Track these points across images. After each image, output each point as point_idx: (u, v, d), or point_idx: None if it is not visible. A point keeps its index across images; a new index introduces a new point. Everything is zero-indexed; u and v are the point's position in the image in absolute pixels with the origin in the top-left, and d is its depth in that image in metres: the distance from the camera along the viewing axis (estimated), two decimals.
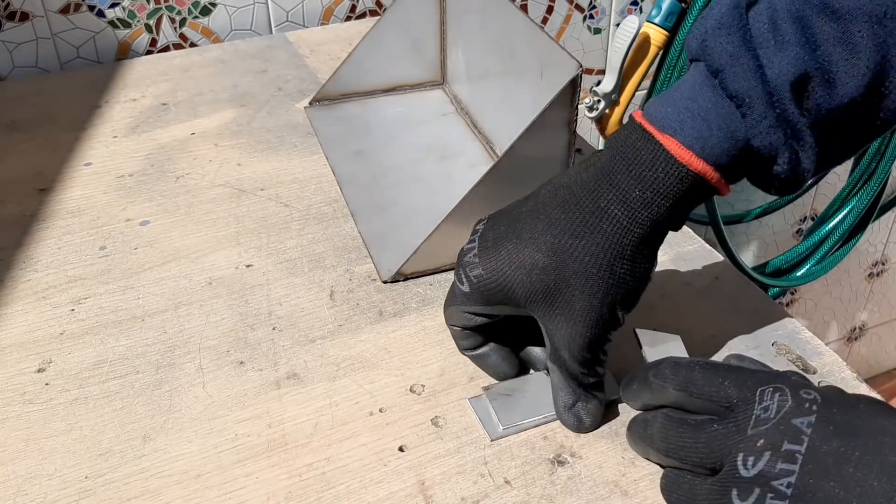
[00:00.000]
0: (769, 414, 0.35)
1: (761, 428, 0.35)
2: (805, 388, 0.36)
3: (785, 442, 0.34)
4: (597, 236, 0.41)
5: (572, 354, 0.43)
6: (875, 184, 1.24)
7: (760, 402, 0.36)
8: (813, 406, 0.34)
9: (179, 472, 0.43)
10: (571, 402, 0.44)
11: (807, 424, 0.34)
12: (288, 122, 0.74)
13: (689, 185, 0.40)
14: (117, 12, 0.87)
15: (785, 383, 0.36)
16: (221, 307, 0.54)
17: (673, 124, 0.40)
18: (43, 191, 0.65)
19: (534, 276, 0.42)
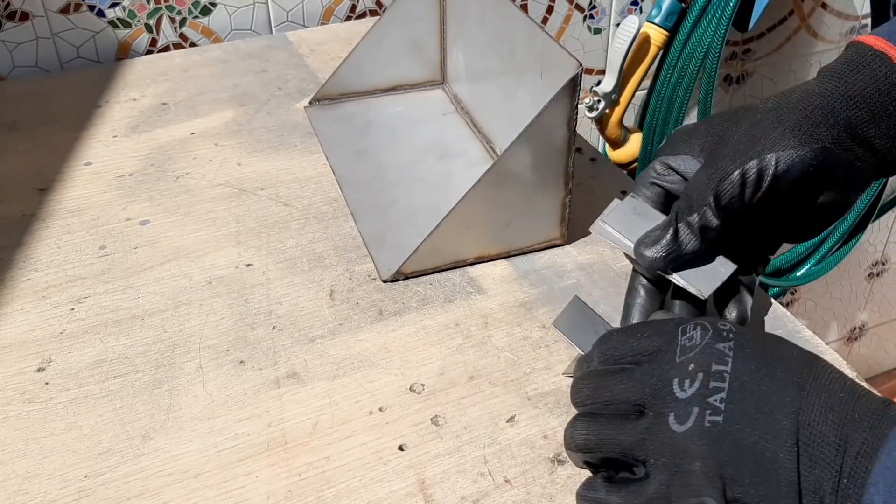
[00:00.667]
0: (694, 342, 0.38)
1: (689, 354, 0.38)
2: (720, 321, 0.39)
3: (713, 363, 0.37)
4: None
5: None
6: (875, 184, 1.24)
7: (683, 334, 0.39)
8: (729, 334, 0.38)
9: (179, 472, 0.43)
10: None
11: (728, 348, 0.38)
12: (288, 121, 0.74)
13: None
14: (117, 12, 0.87)
15: (704, 320, 0.39)
16: (221, 306, 0.54)
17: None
18: (43, 190, 0.65)
19: None
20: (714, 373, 0.37)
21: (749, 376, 0.37)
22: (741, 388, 0.37)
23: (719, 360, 0.37)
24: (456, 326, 0.52)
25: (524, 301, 0.54)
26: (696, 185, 0.45)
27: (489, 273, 0.57)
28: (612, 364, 0.40)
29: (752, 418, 0.36)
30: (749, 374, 0.37)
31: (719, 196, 0.44)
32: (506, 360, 0.50)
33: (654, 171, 0.49)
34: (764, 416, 0.36)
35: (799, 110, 0.44)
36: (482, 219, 0.55)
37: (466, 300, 0.55)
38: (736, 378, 0.37)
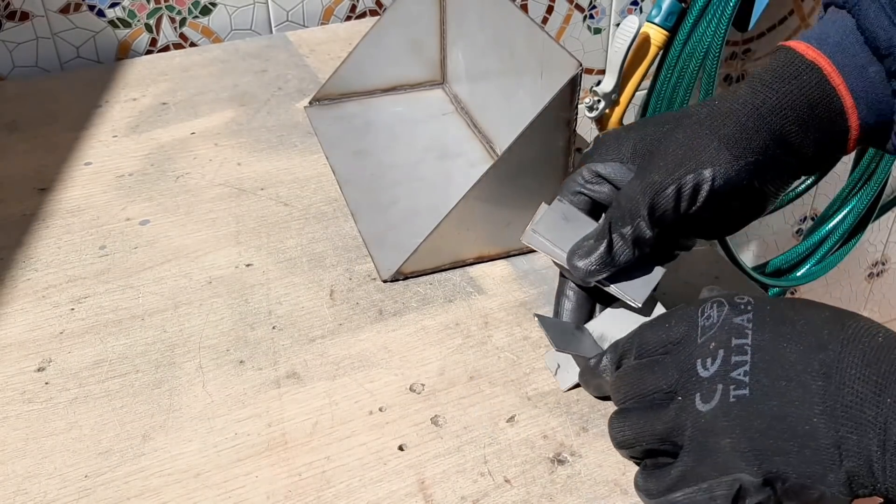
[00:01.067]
0: (712, 321, 0.39)
1: (709, 333, 0.39)
2: (738, 295, 0.40)
3: (732, 338, 0.38)
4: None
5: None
6: (875, 184, 1.24)
7: (702, 315, 0.40)
8: (748, 307, 0.39)
9: (179, 471, 0.43)
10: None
11: (746, 321, 0.38)
12: (288, 121, 0.74)
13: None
14: (117, 12, 0.87)
15: (720, 296, 0.40)
16: (221, 306, 0.54)
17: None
18: (43, 190, 0.65)
19: None
20: (734, 347, 0.37)
21: (772, 345, 0.37)
22: (764, 359, 0.37)
23: (739, 334, 0.38)
24: (456, 326, 0.52)
25: (524, 301, 0.54)
26: (630, 197, 0.45)
27: (489, 273, 0.57)
28: (645, 357, 0.41)
29: (780, 387, 0.36)
30: (771, 343, 0.37)
31: (654, 209, 0.44)
32: (506, 360, 0.50)
33: (581, 178, 0.48)
34: (792, 383, 0.36)
35: (733, 122, 0.44)
36: (482, 219, 0.55)
37: (466, 300, 0.55)
38: (758, 349, 0.37)
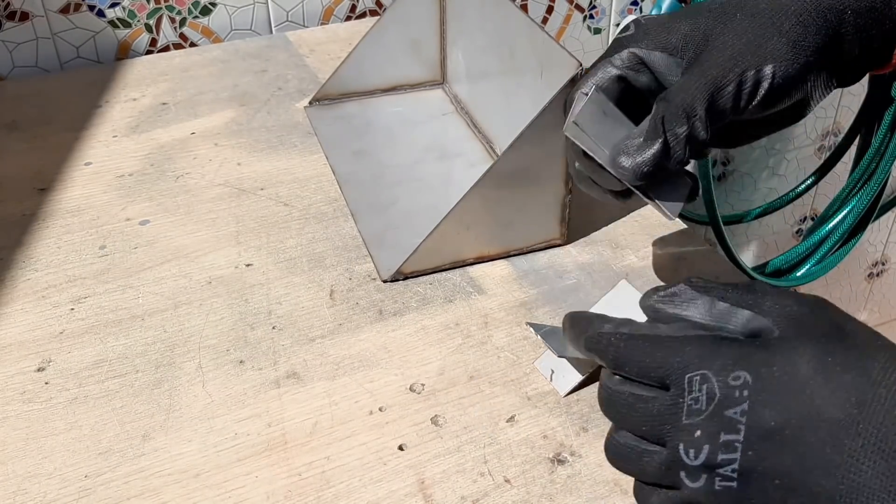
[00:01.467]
0: (700, 406, 0.34)
1: (696, 419, 0.34)
2: (733, 369, 0.33)
3: (721, 433, 0.33)
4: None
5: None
6: (875, 184, 1.24)
7: (689, 391, 0.34)
8: (744, 392, 0.33)
9: (179, 471, 0.43)
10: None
11: (740, 413, 0.33)
12: (288, 121, 0.74)
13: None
14: (117, 12, 0.87)
15: (710, 367, 0.34)
16: (221, 306, 0.54)
17: None
18: (43, 190, 0.65)
19: None
20: (723, 443, 0.33)
21: (768, 444, 0.32)
22: (758, 453, 0.33)
23: (729, 430, 0.33)
24: (456, 326, 0.52)
25: (524, 301, 0.54)
26: (687, 92, 0.41)
27: (489, 273, 0.57)
28: (630, 379, 0.37)
29: (774, 485, 0.32)
30: (768, 442, 0.32)
31: (713, 107, 0.41)
32: (506, 360, 0.50)
33: (620, 62, 0.44)
34: (792, 481, 0.32)
35: (794, 15, 0.42)
36: (482, 219, 0.55)
37: (466, 300, 0.55)
38: (750, 446, 0.33)
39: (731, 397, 0.33)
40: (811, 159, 1.43)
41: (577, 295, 0.55)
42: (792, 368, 0.33)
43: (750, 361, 0.33)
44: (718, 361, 0.34)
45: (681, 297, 0.37)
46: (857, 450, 0.31)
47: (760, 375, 0.33)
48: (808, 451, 0.32)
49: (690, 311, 0.37)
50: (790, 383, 0.32)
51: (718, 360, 0.34)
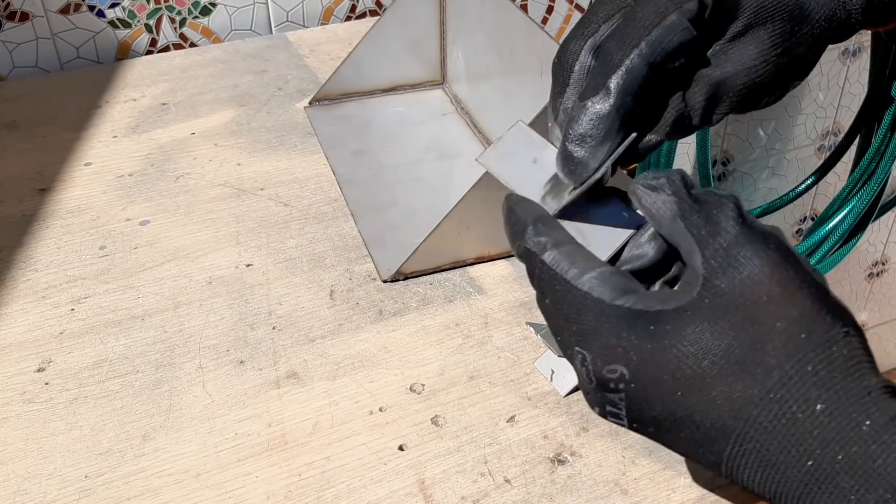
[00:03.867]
0: (583, 379, 0.34)
1: (587, 386, 0.34)
2: (610, 361, 0.33)
3: (607, 406, 0.34)
4: None
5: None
6: (875, 184, 1.24)
7: (573, 360, 0.34)
8: (619, 385, 0.33)
9: (179, 472, 0.43)
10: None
11: (619, 399, 0.33)
12: (288, 121, 0.74)
13: None
14: (117, 12, 0.87)
15: (590, 349, 0.34)
16: (221, 306, 0.54)
17: None
18: (43, 190, 0.65)
19: None
20: (610, 413, 0.34)
21: (650, 427, 0.33)
22: (643, 431, 0.34)
23: (613, 404, 0.34)
24: (456, 326, 0.52)
25: (524, 301, 0.54)
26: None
27: (489, 273, 0.57)
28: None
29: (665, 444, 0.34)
30: (649, 426, 0.33)
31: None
32: (506, 360, 0.50)
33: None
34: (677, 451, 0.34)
35: None
36: (482, 219, 0.55)
37: (466, 300, 0.55)
38: (632, 424, 0.34)
39: (608, 386, 0.33)
40: (811, 159, 1.43)
41: None
42: (683, 367, 0.32)
43: (634, 353, 0.33)
44: (599, 345, 0.33)
45: (660, 191, 0.36)
46: (735, 458, 0.32)
47: (642, 371, 0.33)
48: (689, 443, 0.33)
49: (658, 207, 0.35)
50: (675, 383, 0.32)
51: (600, 344, 0.33)
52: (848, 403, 0.31)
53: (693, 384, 0.32)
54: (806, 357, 0.31)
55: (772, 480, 0.32)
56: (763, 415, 0.31)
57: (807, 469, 0.31)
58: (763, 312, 0.32)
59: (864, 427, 0.30)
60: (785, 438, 0.31)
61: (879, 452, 0.30)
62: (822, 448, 0.30)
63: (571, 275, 0.35)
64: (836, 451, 0.30)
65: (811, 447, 0.31)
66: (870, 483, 0.30)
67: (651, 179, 0.36)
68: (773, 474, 0.31)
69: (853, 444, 0.30)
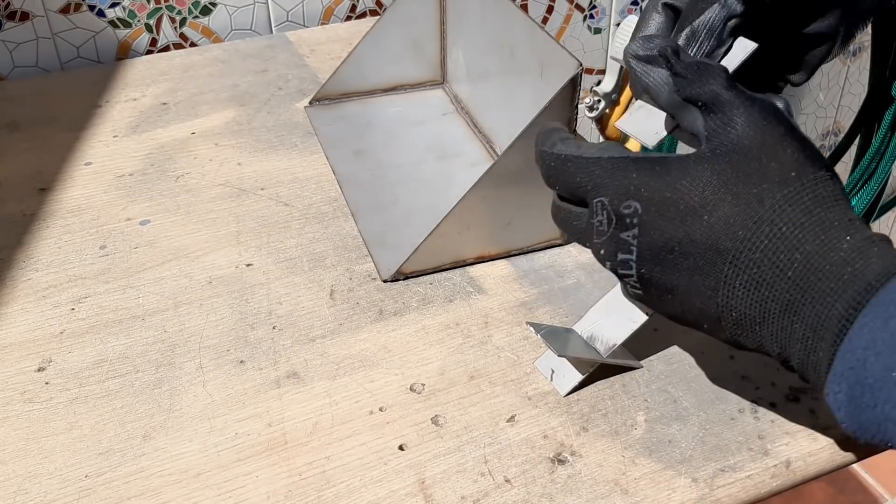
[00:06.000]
0: (602, 227, 0.40)
1: (601, 239, 0.40)
2: (626, 199, 0.38)
3: (619, 253, 0.39)
4: None
5: None
6: (875, 184, 1.24)
7: (595, 214, 0.40)
8: (634, 219, 0.38)
9: (179, 471, 0.43)
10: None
11: (632, 237, 0.38)
12: (288, 121, 0.74)
13: None
14: (117, 12, 0.87)
15: (607, 194, 0.39)
16: (221, 306, 0.54)
17: None
18: (43, 190, 0.65)
19: None
20: (620, 262, 0.39)
21: (657, 265, 0.38)
22: (649, 274, 0.39)
23: (624, 250, 0.39)
24: (456, 326, 0.52)
25: (524, 301, 0.54)
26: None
27: (489, 273, 0.57)
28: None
29: (668, 299, 0.39)
30: (657, 263, 0.38)
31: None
32: (506, 360, 0.50)
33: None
34: (681, 297, 0.38)
35: None
36: (482, 218, 0.55)
37: (466, 300, 0.55)
38: (642, 265, 0.39)
39: (623, 223, 0.39)
40: None
41: (578, 295, 0.55)
42: (686, 197, 0.37)
43: (644, 189, 0.38)
44: (615, 188, 0.39)
45: (654, 63, 0.40)
46: (732, 278, 0.36)
47: (652, 204, 0.38)
48: (691, 274, 0.37)
49: (651, 78, 0.40)
50: (675, 208, 0.37)
51: (615, 187, 0.39)
52: (831, 226, 0.35)
53: (695, 212, 0.37)
54: (795, 190, 0.35)
55: (762, 298, 0.36)
56: (756, 236, 0.35)
57: (791, 277, 0.35)
58: (758, 155, 0.36)
59: (845, 243, 0.34)
60: (774, 255, 0.35)
61: (857, 258, 0.34)
62: (807, 260, 0.34)
63: (580, 153, 0.41)
64: (818, 261, 0.34)
65: (796, 259, 0.35)
66: (847, 284, 0.34)
67: (641, 50, 0.41)
68: (763, 291, 0.36)
69: (834, 254, 0.34)
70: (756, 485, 0.43)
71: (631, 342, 0.48)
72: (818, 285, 0.34)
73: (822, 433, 0.45)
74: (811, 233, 0.35)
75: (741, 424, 0.46)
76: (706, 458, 0.44)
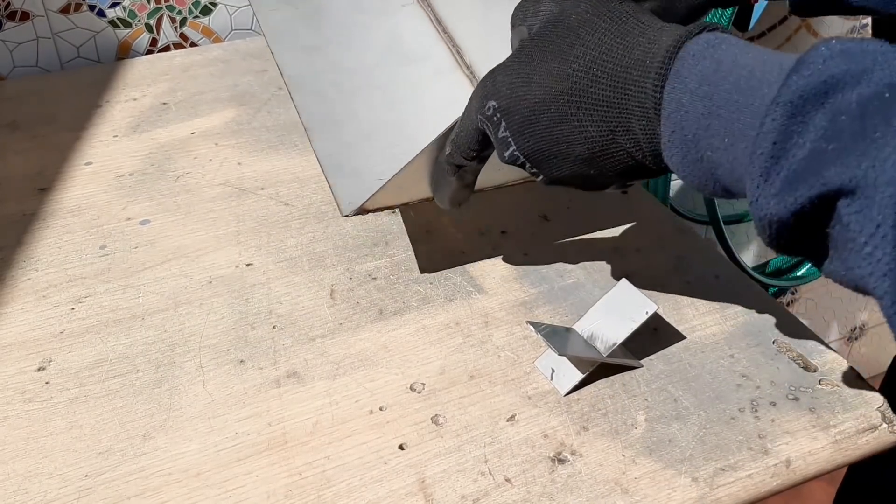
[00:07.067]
0: (494, 138, 0.44)
1: (498, 148, 0.45)
2: (484, 99, 0.44)
3: (504, 151, 0.44)
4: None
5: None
6: None
7: (488, 131, 0.44)
8: (497, 114, 0.43)
9: (179, 471, 0.43)
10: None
11: (504, 128, 0.43)
12: (288, 121, 0.74)
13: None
14: (118, 12, 0.87)
15: (478, 110, 0.44)
16: (221, 306, 0.54)
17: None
18: (43, 190, 0.65)
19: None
20: (510, 157, 0.44)
21: (529, 140, 0.43)
22: (530, 151, 0.43)
23: (506, 146, 0.44)
24: (456, 326, 0.52)
25: (524, 300, 0.54)
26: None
27: (489, 272, 0.57)
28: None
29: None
30: (529, 138, 0.43)
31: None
32: (506, 360, 0.50)
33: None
34: (564, 161, 0.43)
35: None
36: None
37: (467, 299, 0.55)
38: (521, 146, 0.43)
39: (493, 122, 0.43)
40: None
41: (578, 294, 0.55)
42: (516, 74, 0.42)
43: (492, 85, 0.43)
44: (477, 102, 0.44)
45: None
46: (576, 112, 0.41)
47: (499, 92, 0.43)
48: (549, 131, 0.42)
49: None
50: (517, 87, 0.42)
51: (477, 101, 0.44)
52: (629, 33, 0.40)
53: (531, 76, 0.42)
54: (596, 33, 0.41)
55: (598, 116, 0.40)
56: (574, 62, 0.40)
57: (609, 84, 0.39)
58: (564, 20, 0.42)
59: (643, 37, 0.39)
60: (591, 70, 0.40)
61: (653, 42, 0.39)
62: (615, 61, 0.40)
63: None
64: (625, 57, 0.39)
65: (607, 66, 0.40)
66: (649, 67, 0.38)
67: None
68: (596, 96, 0.40)
69: (637, 49, 0.39)
70: (756, 484, 0.43)
71: (631, 342, 0.48)
72: (629, 75, 0.39)
73: (822, 433, 0.45)
74: (619, 44, 0.40)
75: (741, 424, 0.46)
76: (706, 458, 0.44)
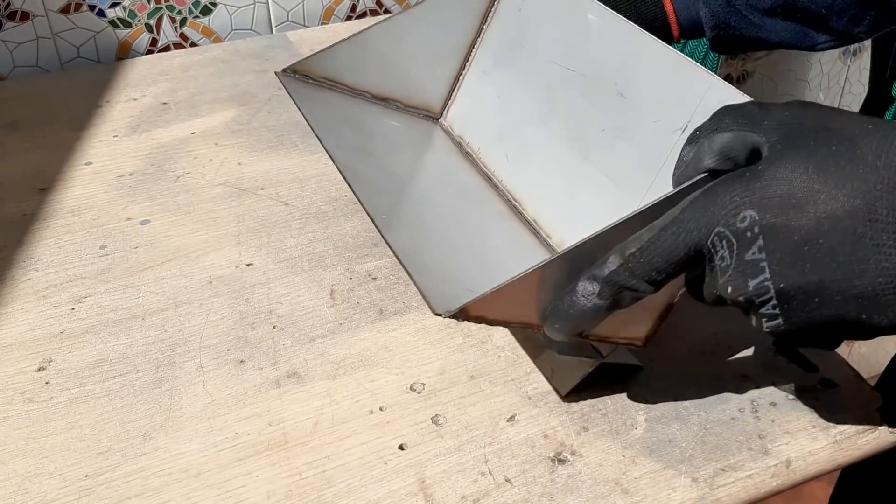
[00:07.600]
0: (726, 262, 0.35)
1: (725, 276, 0.36)
2: (735, 209, 0.35)
3: (748, 280, 0.35)
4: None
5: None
6: None
7: (715, 252, 0.36)
8: (755, 228, 0.34)
9: (179, 471, 0.43)
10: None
11: (758, 249, 0.34)
12: (288, 121, 0.74)
13: None
14: (118, 12, 0.87)
15: (717, 222, 0.35)
16: (222, 306, 0.54)
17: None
18: (43, 190, 0.65)
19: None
20: (754, 290, 0.35)
21: (792, 269, 0.34)
22: (788, 286, 0.34)
23: (753, 273, 0.35)
24: (456, 326, 0.52)
25: None
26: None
27: None
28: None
29: (815, 304, 0.34)
30: (792, 267, 0.34)
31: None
32: (506, 360, 0.50)
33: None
34: (830, 293, 0.33)
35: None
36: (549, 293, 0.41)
37: None
38: (778, 276, 0.34)
39: (744, 239, 0.34)
40: None
41: None
42: (789, 184, 0.34)
43: (748, 195, 0.34)
44: (720, 211, 0.35)
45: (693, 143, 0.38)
46: (877, 235, 0.32)
47: (765, 204, 0.34)
48: (833, 256, 0.33)
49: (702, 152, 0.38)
50: (791, 199, 0.33)
51: (719, 210, 0.35)
52: None
53: (808, 194, 0.33)
54: (884, 136, 0.33)
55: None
56: (876, 185, 0.32)
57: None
58: (821, 125, 0.35)
59: None
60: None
61: None
62: None
63: (652, 232, 0.37)
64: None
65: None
66: None
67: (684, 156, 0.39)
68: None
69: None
70: (756, 484, 0.43)
71: None
72: None
73: (822, 433, 0.45)
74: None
75: (741, 424, 0.46)
76: (706, 458, 0.44)
